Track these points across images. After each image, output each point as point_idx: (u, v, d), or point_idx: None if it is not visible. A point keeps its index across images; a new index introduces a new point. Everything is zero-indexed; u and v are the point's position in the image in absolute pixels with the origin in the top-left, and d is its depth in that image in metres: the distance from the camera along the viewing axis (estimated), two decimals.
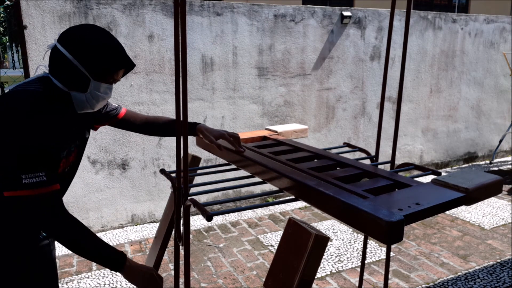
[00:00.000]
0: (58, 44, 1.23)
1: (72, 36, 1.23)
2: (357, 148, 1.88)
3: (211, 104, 3.55)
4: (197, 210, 1.21)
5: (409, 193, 1.10)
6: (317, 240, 1.14)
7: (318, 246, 1.15)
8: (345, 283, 2.56)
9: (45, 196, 1.16)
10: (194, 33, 3.37)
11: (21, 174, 1.12)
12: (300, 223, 1.24)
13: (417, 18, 4.40)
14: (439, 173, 1.43)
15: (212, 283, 2.58)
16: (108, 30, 1.30)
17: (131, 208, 3.43)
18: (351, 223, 1.02)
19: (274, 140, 1.85)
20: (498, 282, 2.56)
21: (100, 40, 1.23)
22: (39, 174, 1.14)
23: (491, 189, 1.14)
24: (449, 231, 3.30)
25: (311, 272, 1.17)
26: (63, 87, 1.25)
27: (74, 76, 1.23)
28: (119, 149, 3.29)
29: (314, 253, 1.15)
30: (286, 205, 3.85)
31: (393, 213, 0.93)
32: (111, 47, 1.25)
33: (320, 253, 1.17)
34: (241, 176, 1.51)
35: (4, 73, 3.35)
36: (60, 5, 2.93)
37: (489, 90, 5.15)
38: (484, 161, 5.36)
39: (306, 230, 1.17)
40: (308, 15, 3.81)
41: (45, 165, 1.17)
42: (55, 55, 1.23)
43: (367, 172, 1.36)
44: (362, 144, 4.33)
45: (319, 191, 1.12)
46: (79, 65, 1.22)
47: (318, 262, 1.18)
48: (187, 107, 1.16)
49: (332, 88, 4.09)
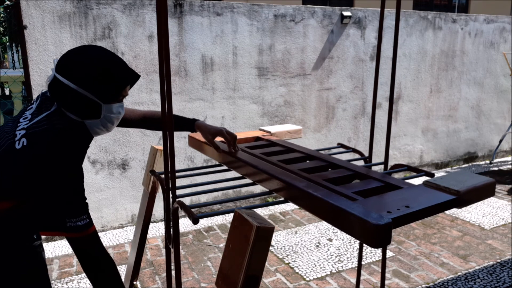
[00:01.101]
0: (59, 75, 1.19)
1: (71, 64, 1.19)
2: (351, 149, 1.87)
3: (211, 104, 3.55)
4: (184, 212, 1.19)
5: (399, 195, 1.08)
6: (260, 231, 1.08)
7: (261, 238, 1.09)
8: (345, 283, 2.56)
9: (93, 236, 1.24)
10: (194, 33, 3.37)
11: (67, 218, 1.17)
12: (246, 215, 1.17)
13: (417, 18, 4.39)
14: (432, 175, 1.43)
15: (212, 283, 2.58)
16: (104, 48, 1.27)
17: (131, 208, 3.43)
18: (340, 225, 1.00)
19: (267, 141, 1.85)
20: (498, 282, 2.56)
21: (102, 63, 1.20)
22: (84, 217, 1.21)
23: (483, 191, 1.12)
24: (449, 231, 3.30)
25: (257, 266, 1.11)
26: (76, 118, 1.23)
27: (85, 105, 1.21)
28: (119, 149, 3.29)
29: (257, 245, 1.09)
30: (286, 205, 3.84)
31: (381, 216, 0.91)
32: (114, 67, 1.22)
33: (265, 245, 1.11)
34: (241, 176, 1.50)
35: (4, 73, 3.35)
36: (60, 5, 2.93)
37: (489, 90, 5.14)
38: (484, 161, 5.36)
39: (249, 222, 1.12)
40: (308, 15, 3.81)
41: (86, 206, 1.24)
42: (59, 88, 1.19)
43: (359, 174, 1.35)
44: (362, 144, 4.33)
45: (307, 193, 1.11)
46: (87, 94, 1.19)
47: (264, 255, 1.12)
48: (171, 104, 1.15)
49: (332, 88, 4.09)
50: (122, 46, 3.15)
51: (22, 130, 1.17)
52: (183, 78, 3.40)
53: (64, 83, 1.17)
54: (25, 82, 2.94)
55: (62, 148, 1.14)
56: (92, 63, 1.19)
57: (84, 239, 1.21)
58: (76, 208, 1.19)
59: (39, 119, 1.19)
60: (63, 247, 3.08)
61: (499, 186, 4.37)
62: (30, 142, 1.14)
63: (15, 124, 1.22)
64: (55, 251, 3.01)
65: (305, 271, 2.71)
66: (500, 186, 4.36)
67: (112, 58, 1.24)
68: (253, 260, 1.10)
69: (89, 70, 1.18)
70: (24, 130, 1.17)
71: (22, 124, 1.20)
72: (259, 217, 1.17)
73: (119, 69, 1.24)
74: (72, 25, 2.99)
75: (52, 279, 2.63)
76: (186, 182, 3.24)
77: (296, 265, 2.78)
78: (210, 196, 3.57)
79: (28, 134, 1.15)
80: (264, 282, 2.57)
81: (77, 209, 1.20)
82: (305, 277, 2.63)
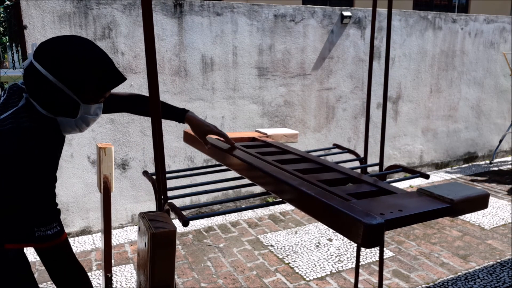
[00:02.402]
0: (36, 63, 1.04)
1: (53, 53, 1.04)
2: (346, 149, 1.88)
3: (211, 104, 3.55)
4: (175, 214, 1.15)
5: (393, 200, 1.08)
6: (155, 238, 0.96)
7: (160, 245, 0.97)
8: (345, 283, 2.56)
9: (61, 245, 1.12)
10: (194, 33, 3.37)
11: (35, 227, 1.04)
12: (147, 219, 1.03)
13: (417, 18, 4.39)
14: (427, 176, 1.43)
15: (212, 283, 2.58)
16: (91, 40, 1.15)
17: (131, 208, 3.43)
18: (331, 224, 0.99)
19: (263, 142, 1.85)
20: (498, 282, 2.56)
21: (88, 60, 1.06)
22: (54, 225, 1.07)
23: (477, 203, 1.11)
24: (449, 231, 3.30)
25: (163, 276, 0.99)
26: (48, 113, 1.09)
27: (61, 101, 1.07)
28: (119, 149, 3.29)
29: (158, 253, 0.98)
30: (286, 205, 3.85)
31: (373, 217, 0.91)
32: (101, 66, 1.09)
33: (168, 252, 0.98)
34: (241, 177, 1.50)
35: (4, 73, 3.35)
36: (60, 5, 2.93)
37: (489, 90, 5.14)
38: (484, 161, 5.36)
39: (146, 228, 1.00)
40: (308, 15, 3.81)
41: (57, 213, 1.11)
42: (34, 77, 1.05)
43: (352, 178, 1.34)
44: (362, 144, 4.33)
45: (300, 190, 1.10)
46: (66, 90, 1.06)
47: (168, 263, 0.99)
48: (159, 101, 1.11)
49: (332, 88, 4.09)
50: (122, 46, 3.15)
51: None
52: (183, 78, 3.40)
53: (41, 73, 1.04)
54: None
55: (29, 148, 1.01)
56: (77, 58, 1.05)
57: (55, 249, 1.09)
58: (46, 216, 1.06)
59: (5, 116, 1.06)
60: None
61: (499, 186, 4.37)
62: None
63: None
64: None
65: (305, 271, 2.71)
66: (500, 186, 4.36)
67: (101, 56, 1.10)
68: (156, 270, 0.98)
69: (73, 65, 1.04)
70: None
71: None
72: (166, 219, 1.03)
73: (106, 69, 1.11)
74: (72, 25, 2.99)
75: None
76: (186, 182, 3.24)
77: (296, 265, 2.78)
78: (210, 196, 3.58)
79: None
80: (264, 282, 2.58)
81: (47, 216, 1.06)
82: (305, 277, 2.63)
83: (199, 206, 1.27)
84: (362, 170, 1.72)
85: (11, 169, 1.01)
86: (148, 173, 1.50)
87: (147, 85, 1.05)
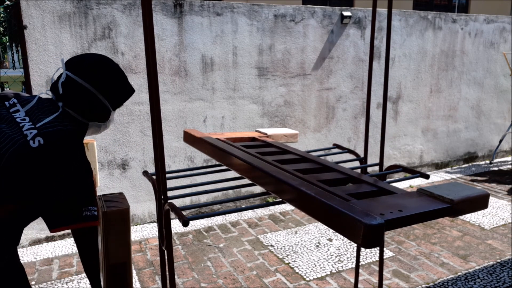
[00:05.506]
0: (74, 75, 1.26)
1: (90, 68, 1.28)
2: (346, 149, 1.88)
3: (211, 104, 3.55)
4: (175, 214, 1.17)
5: (393, 200, 1.08)
6: (108, 216, 1.03)
7: (113, 223, 1.03)
8: (345, 283, 2.56)
9: None
10: (194, 33, 3.37)
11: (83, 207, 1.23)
12: (105, 200, 1.15)
13: (417, 18, 4.39)
14: (427, 176, 1.43)
15: (212, 283, 2.58)
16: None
17: (131, 208, 3.43)
18: (331, 225, 0.99)
19: (263, 142, 1.85)
20: (498, 282, 2.56)
21: (118, 73, 1.33)
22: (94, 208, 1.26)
23: (477, 203, 1.11)
24: (449, 231, 3.30)
25: (118, 253, 1.03)
26: (83, 119, 1.32)
27: (97, 108, 1.32)
28: (119, 149, 3.29)
29: (111, 231, 1.03)
30: (286, 205, 3.84)
31: (373, 217, 0.91)
32: (125, 78, 1.36)
33: (121, 230, 1.03)
34: (241, 177, 1.50)
35: (4, 73, 3.35)
36: (60, 5, 2.93)
37: (489, 90, 5.14)
38: (484, 161, 5.36)
39: (101, 208, 1.09)
40: (308, 15, 3.81)
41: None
42: (73, 88, 1.28)
43: (352, 178, 1.34)
44: (362, 144, 4.33)
45: (300, 190, 1.10)
46: (101, 98, 1.30)
47: (123, 241, 1.03)
48: (159, 103, 1.13)
49: (332, 88, 4.09)
50: (122, 46, 3.15)
51: (32, 130, 1.21)
52: (183, 78, 3.40)
53: (80, 84, 1.26)
54: (25, 82, 2.94)
55: (77, 145, 1.25)
56: (110, 71, 1.31)
57: (94, 230, 1.27)
58: (92, 197, 1.26)
59: (50, 120, 1.26)
60: (63, 247, 3.08)
61: (499, 186, 4.37)
62: (46, 141, 1.19)
63: (14, 126, 1.24)
64: (55, 251, 3.02)
65: (305, 271, 2.71)
66: (500, 186, 4.36)
67: (122, 71, 1.39)
68: (110, 248, 1.04)
69: (107, 77, 1.30)
70: (35, 130, 1.21)
71: (26, 124, 1.24)
72: (121, 200, 1.13)
73: (127, 82, 1.39)
74: (72, 25, 2.99)
75: (52, 279, 2.63)
76: (186, 182, 3.24)
77: (296, 265, 2.78)
78: (210, 196, 3.58)
79: (42, 134, 1.21)
80: (264, 282, 2.58)
81: (92, 198, 1.26)
82: (305, 277, 2.63)
83: (199, 206, 1.27)
84: (362, 170, 1.72)
85: (68, 161, 1.21)
86: (148, 173, 1.50)
87: (147, 85, 1.06)
